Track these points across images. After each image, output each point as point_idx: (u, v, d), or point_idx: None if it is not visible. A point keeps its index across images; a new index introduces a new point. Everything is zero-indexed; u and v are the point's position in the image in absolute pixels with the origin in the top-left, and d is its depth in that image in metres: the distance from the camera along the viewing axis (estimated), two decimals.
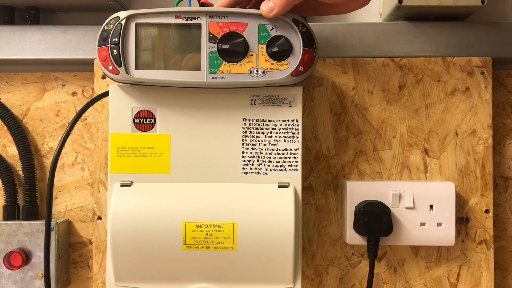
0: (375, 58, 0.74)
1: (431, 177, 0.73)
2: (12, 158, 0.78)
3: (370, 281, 0.69)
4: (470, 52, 0.74)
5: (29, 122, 0.79)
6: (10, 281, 0.73)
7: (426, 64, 0.74)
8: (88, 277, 0.78)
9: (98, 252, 0.74)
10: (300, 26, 0.60)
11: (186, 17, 0.60)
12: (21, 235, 0.74)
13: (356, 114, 0.74)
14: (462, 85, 0.73)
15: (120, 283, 0.62)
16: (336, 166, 0.74)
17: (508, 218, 0.77)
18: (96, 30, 0.62)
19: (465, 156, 0.73)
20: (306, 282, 0.74)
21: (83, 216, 0.78)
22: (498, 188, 0.77)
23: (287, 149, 0.64)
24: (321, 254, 0.74)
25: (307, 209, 0.74)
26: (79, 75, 0.79)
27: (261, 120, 0.64)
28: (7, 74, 0.79)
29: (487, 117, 0.73)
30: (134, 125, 0.64)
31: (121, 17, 0.60)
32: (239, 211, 0.61)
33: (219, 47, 0.60)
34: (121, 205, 0.61)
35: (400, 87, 0.74)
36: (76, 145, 0.78)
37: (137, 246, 0.61)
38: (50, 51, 0.75)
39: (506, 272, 0.77)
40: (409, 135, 0.73)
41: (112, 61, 0.60)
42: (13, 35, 0.75)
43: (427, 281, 0.73)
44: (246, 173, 0.64)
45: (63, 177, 0.78)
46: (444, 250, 0.73)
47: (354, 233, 0.70)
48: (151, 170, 0.64)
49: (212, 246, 0.60)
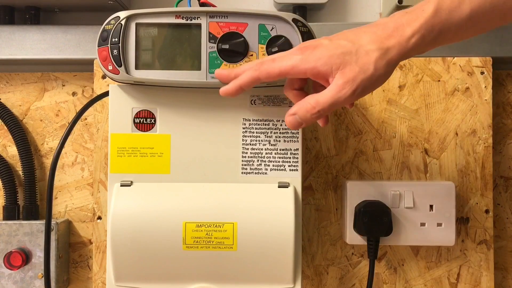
0: None
1: (431, 177, 0.73)
2: (12, 158, 0.78)
3: (370, 281, 0.69)
4: (470, 52, 0.74)
5: (29, 122, 0.79)
6: (10, 281, 0.73)
7: (426, 64, 0.74)
8: (88, 277, 0.78)
9: (98, 252, 0.74)
10: (300, 26, 0.60)
11: (186, 17, 0.60)
12: (21, 235, 0.74)
13: (356, 114, 0.74)
14: (462, 85, 0.73)
15: (120, 283, 0.62)
16: (336, 166, 0.74)
17: (508, 218, 0.77)
18: (96, 30, 0.62)
19: (465, 156, 0.73)
20: (306, 282, 0.74)
21: (83, 216, 0.78)
22: (498, 188, 0.77)
23: (287, 149, 0.64)
24: (321, 254, 0.74)
25: (307, 209, 0.74)
26: (79, 75, 0.79)
27: (261, 120, 0.64)
28: (7, 74, 0.79)
29: (487, 117, 0.73)
30: (134, 125, 0.64)
31: (121, 17, 0.60)
32: (239, 211, 0.61)
33: (219, 47, 0.60)
34: (121, 205, 0.61)
35: (400, 87, 0.74)
36: (76, 145, 0.78)
37: (137, 246, 0.61)
38: (50, 51, 0.75)
39: (506, 272, 0.77)
40: (409, 135, 0.73)
41: (112, 61, 0.60)
42: (13, 35, 0.75)
43: (427, 281, 0.73)
44: (246, 173, 0.64)
45: (63, 177, 0.78)
46: (444, 250, 0.73)
47: (354, 233, 0.70)
48: (151, 170, 0.64)
49: (212, 246, 0.60)
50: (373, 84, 0.51)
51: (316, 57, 0.52)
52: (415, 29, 0.50)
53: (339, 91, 0.51)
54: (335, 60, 0.51)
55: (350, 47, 0.51)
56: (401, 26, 0.51)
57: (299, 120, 0.54)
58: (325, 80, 0.53)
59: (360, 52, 0.51)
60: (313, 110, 0.52)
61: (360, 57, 0.51)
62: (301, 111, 0.53)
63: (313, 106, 0.52)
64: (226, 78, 0.58)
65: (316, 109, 0.52)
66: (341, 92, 0.50)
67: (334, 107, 0.52)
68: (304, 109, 0.53)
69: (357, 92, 0.51)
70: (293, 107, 0.54)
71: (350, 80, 0.50)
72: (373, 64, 0.50)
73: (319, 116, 0.53)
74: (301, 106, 0.53)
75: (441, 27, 0.50)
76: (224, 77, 0.58)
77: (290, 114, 0.54)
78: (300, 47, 0.54)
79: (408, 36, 0.50)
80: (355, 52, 0.51)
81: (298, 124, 0.54)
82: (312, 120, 0.53)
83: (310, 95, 0.53)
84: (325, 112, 0.52)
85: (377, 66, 0.50)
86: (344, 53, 0.51)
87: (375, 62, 0.50)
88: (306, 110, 0.53)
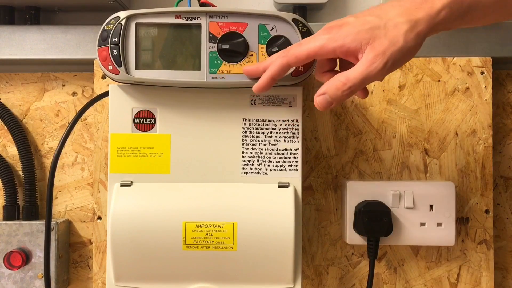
0: None
1: (431, 177, 0.73)
2: (12, 158, 0.78)
3: (370, 281, 0.69)
4: (470, 52, 0.74)
5: (29, 122, 0.79)
6: (10, 281, 0.73)
7: (426, 64, 0.74)
8: (88, 277, 0.78)
9: (98, 252, 0.74)
10: (300, 26, 0.60)
11: (186, 17, 0.60)
12: (21, 235, 0.74)
13: (356, 114, 0.74)
14: (462, 85, 0.73)
15: (120, 283, 0.62)
16: (336, 166, 0.74)
17: (508, 218, 0.77)
18: (96, 30, 0.62)
19: (465, 156, 0.73)
20: (306, 282, 0.74)
21: (83, 216, 0.78)
22: (498, 188, 0.77)
23: (287, 149, 0.64)
24: (321, 254, 0.74)
25: (307, 209, 0.74)
26: (79, 75, 0.79)
27: (261, 120, 0.64)
28: (7, 74, 0.79)
29: (487, 117, 0.73)
30: (134, 125, 0.64)
31: (121, 17, 0.60)
32: (239, 211, 0.61)
33: (219, 47, 0.60)
34: (121, 205, 0.61)
35: (400, 87, 0.74)
36: (76, 145, 0.78)
37: (137, 246, 0.61)
38: (50, 51, 0.75)
39: (506, 272, 0.77)
40: (409, 135, 0.73)
41: (112, 61, 0.60)
42: (13, 35, 0.75)
43: (427, 281, 0.73)
44: (246, 173, 0.64)
45: (63, 177, 0.78)
46: (444, 250, 0.73)
47: (354, 233, 0.70)
48: (151, 170, 0.64)
49: (212, 246, 0.60)
50: (404, 56, 0.51)
51: (343, 35, 0.51)
52: (444, 2, 0.50)
53: (370, 65, 0.50)
54: (363, 35, 0.51)
55: (378, 22, 0.51)
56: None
57: (329, 99, 0.52)
58: (354, 57, 0.52)
59: (388, 26, 0.50)
60: (344, 87, 0.51)
61: (389, 30, 0.50)
62: (332, 90, 0.51)
63: (344, 83, 0.51)
64: (255, 73, 0.57)
65: (347, 85, 0.50)
66: (372, 66, 0.50)
67: (365, 82, 0.51)
68: (335, 87, 0.51)
69: (388, 65, 0.50)
70: (322, 87, 0.52)
71: (381, 53, 0.50)
72: (402, 37, 0.50)
73: (350, 93, 0.51)
74: (331, 85, 0.51)
75: (470, 2, 0.50)
76: (253, 72, 0.57)
77: (319, 94, 0.52)
78: (325, 27, 0.54)
79: (437, 9, 0.50)
80: (384, 26, 0.51)
81: (328, 104, 0.52)
82: (343, 98, 0.51)
83: (339, 73, 0.52)
84: (356, 89, 0.51)
85: (407, 38, 0.50)
86: (372, 28, 0.51)
87: (405, 35, 0.50)
88: (336, 88, 0.51)
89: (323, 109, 0.52)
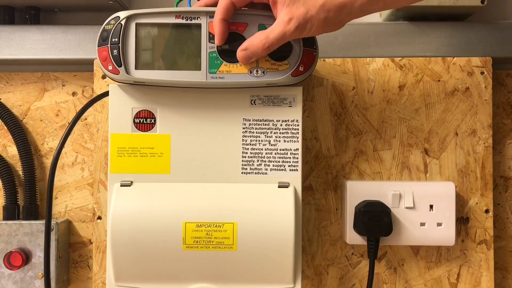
0: (375, 58, 0.74)
1: (431, 177, 0.73)
2: (12, 158, 0.78)
3: (370, 281, 0.69)
4: (470, 52, 0.74)
5: (29, 122, 0.79)
6: (10, 281, 0.73)
7: (426, 64, 0.74)
8: (88, 277, 0.78)
9: (98, 252, 0.74)
10: None
11: (186, 17, 0.60)
12: (21, 235, 0.74)
13: (356, 114, 0.74)
14: (462, 85, 0.73)
15: (120, 283, 0.62)
16: (336, 166, 0.74)
17: (508, 218, 0.77)
18: (96, 30, 0.62)
19: (465, 156, 0.73)
20: (306, 282, 0.74)
21: (83, 216, 0.78)
22: (498, 188, 0.77)
23: (287, 149, 0.64)
24: (321, 254, 0.74)
25: (307, 209, 0.74)
26: (79, 75, 0.79)
27: (261, 120, 0.64)
28: (7, 74, 0.79)
29: (487, 117, 0.73)
30: (134, 125, 0.64)
31: (121, 17, 0.60)
32: (239, 211, 0.61)
33: (219, 47, 0.60)
34: (121, 205, 0.61)
35: (400, 87, 0.74)
36: (76, 145, 0.78)
37: (137, 246, 0.61)
38: (50, 51, 0.75)
39: (506, 272, 0.77)
40: (409, 135, 0.73)
41: (112, 61, 0.60)
42: (13, 35, 0.75)
43: (427, 281, 0.73)
44: (246, 173, 0.64)
45: (63, 177, 0.78)
46: (444, 250, 0.73)
47: (354, 233, 0.70)
48: (151, 170, 0.64)
49: (212, 246, 0.60)
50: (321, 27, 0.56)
51: None
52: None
53: (285, 26, 0.56)
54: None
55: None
56: None
57: (250, 55, 0.58)
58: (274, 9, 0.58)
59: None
60: (264, 46, 0.57)
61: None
62: (253, 47, 0.58)
63: (263, 43, 0.57)
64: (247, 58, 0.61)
65: (266, 44, 0.57)
66: (286, 27, 0.56)
67: (282, 42, 0.57)
68: (255, 45, 0.58)
69: (300, 28, 0.56)
70: (245, 43, 0.59)
71: (295, 17, 0.55)
72: (316, 8, 0.55)
73: (269, 51, 0.58)
74: (252, 42, 0.58)
75: None
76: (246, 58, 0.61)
77: (241, 49, 0.59)
78: None
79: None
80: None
81: (249, 58, 0.59)
82: (262, 54, 0.58)
83: (260, 32, 0.58)
84: (274, 47, 0.57)
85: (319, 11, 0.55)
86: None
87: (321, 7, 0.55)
88: (257, 46, 0.57)
89: (245, 63, 0.60)
